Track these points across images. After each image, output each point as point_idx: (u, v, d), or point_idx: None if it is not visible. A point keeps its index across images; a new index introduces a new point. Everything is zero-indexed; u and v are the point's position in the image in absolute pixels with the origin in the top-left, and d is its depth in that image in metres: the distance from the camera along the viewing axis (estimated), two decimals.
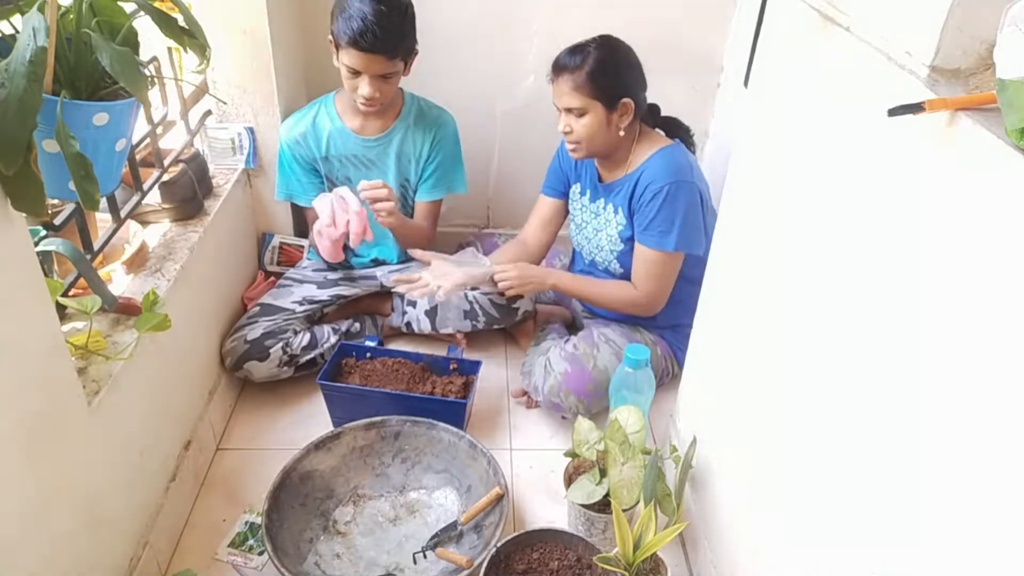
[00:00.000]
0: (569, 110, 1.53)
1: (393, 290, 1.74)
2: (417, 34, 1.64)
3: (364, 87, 1.59)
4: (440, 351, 1.73)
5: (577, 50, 1.51)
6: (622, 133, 1.55)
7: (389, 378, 1.63)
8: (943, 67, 0.68)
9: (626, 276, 1.67)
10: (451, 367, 1.67)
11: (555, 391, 1.61)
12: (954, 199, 0.64)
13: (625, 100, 1.51)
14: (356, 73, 1.58)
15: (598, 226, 1.71)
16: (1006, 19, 0.58)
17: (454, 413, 1.54)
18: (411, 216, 1.91)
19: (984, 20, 0.64)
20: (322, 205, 1.67)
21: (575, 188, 1.76)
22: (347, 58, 1.55)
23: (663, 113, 1.69)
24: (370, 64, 1.55)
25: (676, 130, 1.68)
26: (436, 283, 1.62)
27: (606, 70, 1.49)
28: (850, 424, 0.81)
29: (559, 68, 1.52)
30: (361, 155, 1.78)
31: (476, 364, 1.66)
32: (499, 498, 1.36)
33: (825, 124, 0.89)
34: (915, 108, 0.63)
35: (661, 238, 1.56)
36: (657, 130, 1.66)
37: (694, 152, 1.68)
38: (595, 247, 1.73)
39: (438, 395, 1.58)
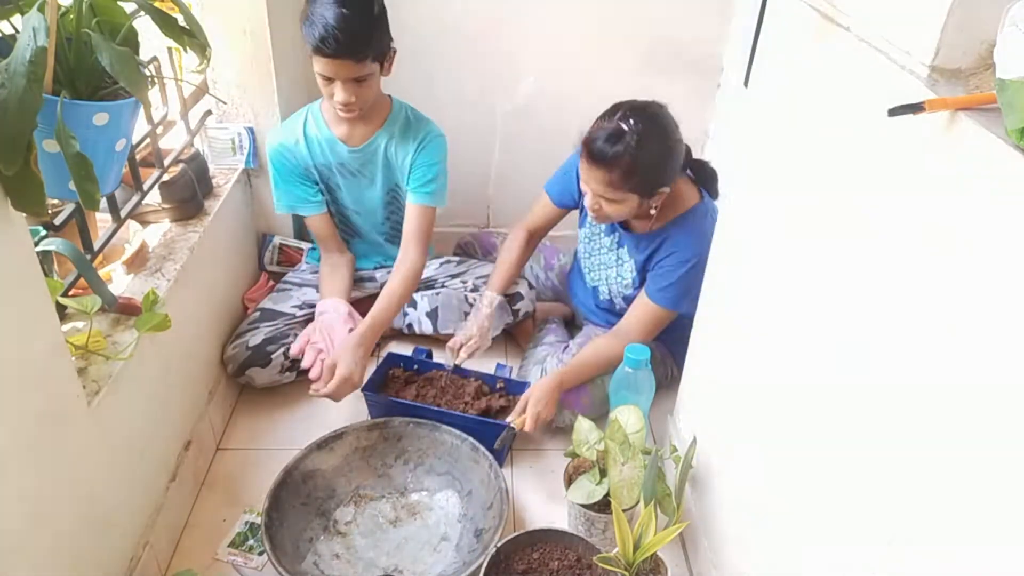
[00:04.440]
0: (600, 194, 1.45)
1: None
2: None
3: (339, 93, 1.53)
4: (488, 368, 1.72)
5: (614, 138, 1.38)
6: (653, 212, 1.51)
7: (434, 392, 1.63)
8: (943, 67, 0.68)
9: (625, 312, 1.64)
10: (498, 386, 1.67)
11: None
12: (954, 199, 0.64)
13: (663, 189, 1.46)
14: (329, 80, 1.53)
15: (608, 263, 1.70)
16: (1006, 19, 0.58)
17: (494, 435, 1.51)
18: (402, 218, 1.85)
19: (984, 20, 0.64)
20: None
21: None
22: (317, 65, 1.51)
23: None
24: (339, 69, 1.50)
25: (705, 178, 1.60)
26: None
27: (646, 168, 1.40)
28: (850, 423, 0.81)
29: (593, 157, 1.40)
30: (347, 163, 1.74)
31: (523, 385, 1.63)
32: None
33: (825, 124, 0.89)
34: (915, 108, 0.63)
35: (676, 301, 1.55)
36: (687, 173, 1.58)
37: (717, 196, 1.61)
38: (601, 279, 1.73)
39: (481, 415, 1.58)
